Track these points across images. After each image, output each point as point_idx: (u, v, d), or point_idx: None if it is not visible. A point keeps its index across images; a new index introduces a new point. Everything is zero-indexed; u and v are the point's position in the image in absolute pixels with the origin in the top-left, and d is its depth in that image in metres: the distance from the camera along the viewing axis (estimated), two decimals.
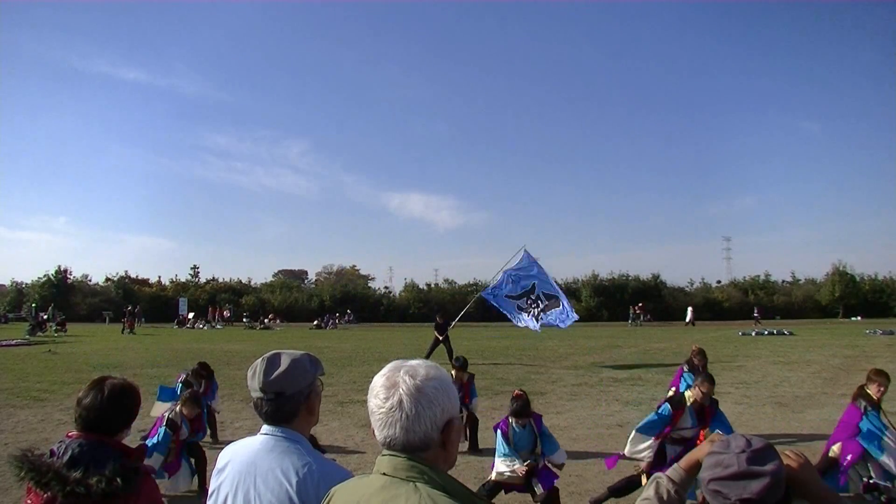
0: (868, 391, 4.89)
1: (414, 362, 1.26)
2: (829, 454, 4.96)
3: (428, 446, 1.19)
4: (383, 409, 1.20)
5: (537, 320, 15.97)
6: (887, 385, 4.89)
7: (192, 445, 5.71)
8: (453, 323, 17.22)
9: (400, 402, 1.18)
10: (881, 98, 74.82)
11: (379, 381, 1.24)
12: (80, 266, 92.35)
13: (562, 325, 16.14)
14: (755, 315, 36.33)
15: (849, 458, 4.77)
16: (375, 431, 1.23)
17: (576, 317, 16.29)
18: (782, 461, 1.32)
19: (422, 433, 1.18)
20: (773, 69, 79.30)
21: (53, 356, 17.47)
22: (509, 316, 16.39)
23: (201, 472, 5.62)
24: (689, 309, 40.18)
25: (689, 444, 4.90)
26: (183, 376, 7.27)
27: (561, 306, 15.96)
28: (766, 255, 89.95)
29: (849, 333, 26.49)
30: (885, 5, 60.85)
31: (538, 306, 16.00)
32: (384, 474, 1.18)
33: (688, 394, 5.13)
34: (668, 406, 4.99)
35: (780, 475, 1.27)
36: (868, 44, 73.43)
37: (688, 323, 38.29)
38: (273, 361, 1.71)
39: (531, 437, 4.93)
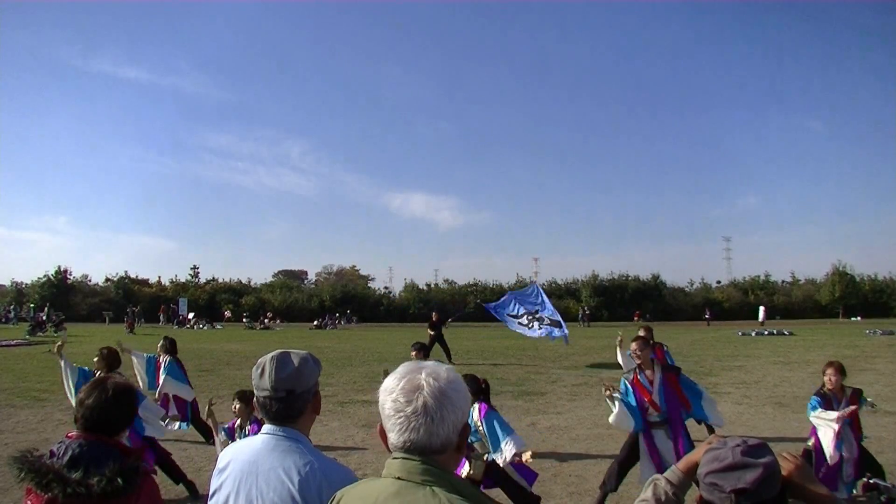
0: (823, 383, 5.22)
1: (431, 363, 1.23)
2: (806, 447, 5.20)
3: (445, 449, 1.17)
4: (404, 413, 1.15)
5: (539, 329, 16.65)
6: (836, 372, 5.14)
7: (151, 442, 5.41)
8: (448, 321, 17.32)
9: (424, 405, 1.14)
10: (884, 97, 74.90)
11: (397, 383, 1.19)
12: (80, 266, 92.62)
13: (553, 334, 16.61)
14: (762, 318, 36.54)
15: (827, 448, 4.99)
16: (392, 435, 1.17)
17: (566, 333, 16.88)
18: (777, 459, 1.34)
19: (444, 436, 1.15)
20: (775, 68, 79.43)
21: (53, 356, 17.44)
22: (509, 326, 17.02)
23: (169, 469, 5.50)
24: (762, 309, 38.70)
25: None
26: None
27: (561, 326, 16.70)
28: (766, 255, 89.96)
29: (849, 333, 26.49)
30: (888, 5, 60.86)
31: (541, 322, 16.70)
32: (398, 478, 1.14)
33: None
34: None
35: (774, 468, 1.29)
36: (871, 43, 73.61)
37: (762, 322, 36.40)
38: (283, 360, 1.71)
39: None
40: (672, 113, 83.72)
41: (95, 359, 5.84)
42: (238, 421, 4.61)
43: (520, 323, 16.52)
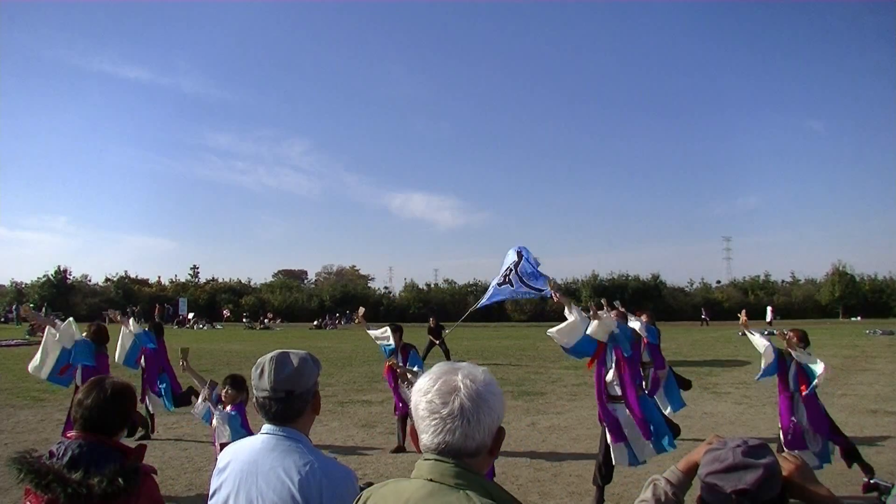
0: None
1: (466, 364, 1.22)
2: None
3: (480, 452, 1.15)
4: (440, 415, 1.13)
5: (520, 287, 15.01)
6: (794, 336, 5.66)
7: None
8: (448, 330, 17.27)
9: (461, 407, 1.13)
10: (884, 97, 74.96)
11: (432, 384, 1.17)
12: (80, 266, 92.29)
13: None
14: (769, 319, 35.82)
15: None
16: (425, 436, 1.16)
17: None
18: (777, 459, 1.33)
19: (479, 439, 1.14)
20: (775, 68, 79.40)
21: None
22: (497, 298, 16.04)
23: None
24: (769, 309, 36.70)
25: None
26: None
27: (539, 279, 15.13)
28: (766, 255, 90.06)
29: (849, 333, 26.50)
30: (888, 5, 60.84)
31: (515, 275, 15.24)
32: (430, 480, 1.13)
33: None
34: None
35: (774, 469, 1.29)
36: (871, 43, 73.56)
37: (769, 322, 34.48)
38: (282, 360, 1.70)
39: None
40: (672, 113, 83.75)
41: (84, 334, 6.23)
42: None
43: (498, 284, 15.13)
